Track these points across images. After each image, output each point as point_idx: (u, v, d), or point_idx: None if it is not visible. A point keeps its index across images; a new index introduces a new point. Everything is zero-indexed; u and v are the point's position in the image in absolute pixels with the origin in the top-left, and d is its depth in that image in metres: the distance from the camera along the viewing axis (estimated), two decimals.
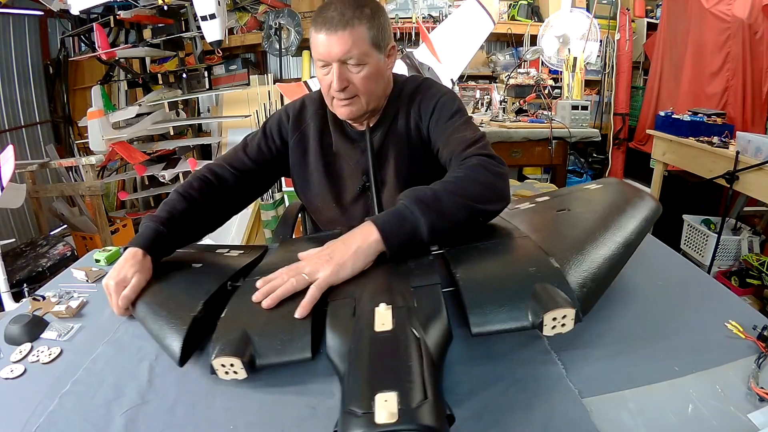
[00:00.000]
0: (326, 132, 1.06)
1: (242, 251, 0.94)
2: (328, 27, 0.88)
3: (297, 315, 0.63)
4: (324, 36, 0.89)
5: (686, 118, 2.29)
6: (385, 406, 0.41)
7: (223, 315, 0.65)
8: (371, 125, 1.03)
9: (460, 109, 1.01)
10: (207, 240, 1.13)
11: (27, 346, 0.70)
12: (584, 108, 2.64)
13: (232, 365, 0.57)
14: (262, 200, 2.66)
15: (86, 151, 2.94)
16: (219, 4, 2.37)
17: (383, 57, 0.96)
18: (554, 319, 0.54)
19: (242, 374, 0.57)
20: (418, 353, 0.49)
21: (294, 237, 1.31)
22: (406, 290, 0.63)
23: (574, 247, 0.68)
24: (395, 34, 3.09)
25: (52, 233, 2.74)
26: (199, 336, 0.68)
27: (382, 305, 0.56)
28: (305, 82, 2.58)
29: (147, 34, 2.77)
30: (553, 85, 3.04)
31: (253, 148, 1.06)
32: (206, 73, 3.32)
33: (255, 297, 0.68)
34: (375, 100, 0.98)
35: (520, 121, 2.71)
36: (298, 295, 0.67)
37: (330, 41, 0.89)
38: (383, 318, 0.55)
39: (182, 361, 0.62)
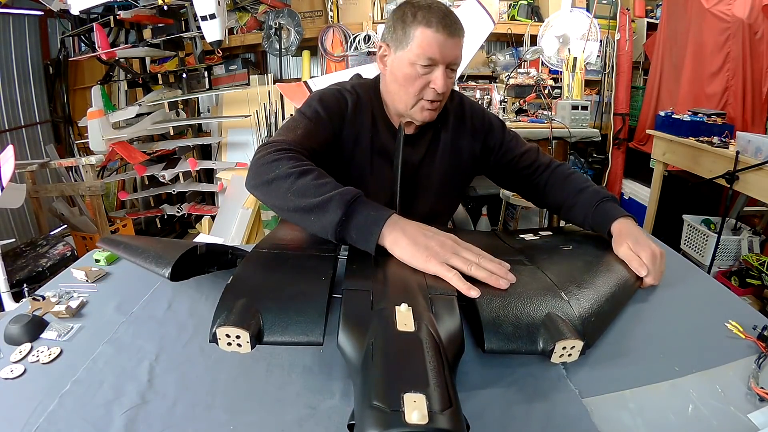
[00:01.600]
0: (376, 129, 1.03)
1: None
2: (450, 30, 0.89)
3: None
4: (444, 37, 0.89)
5: (686, 118, 2.29)
6: (416, 406, 0.41)
7: (229, 283, 0.63)
8: (415, 131, 1.05)
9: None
10: (206, 240, 1.13)
11: (27, 346, 0.70)
12: (584, 108, 2.64)
13: (237, 337, 0.55)
14: None
15: (86, 151, 2.94)
16: (219, 4, 2.37)
17: None
18: (564, 348, 0.56)
19: (246, 348, 0.55)
20: (439, 359, 0.49)
21: None
22: (424, 295, 0.63)
23: (580, 284, 0.71)
24: None
25: (52, 233, 2.73)
26: (192, 270, 0.69)
27: (404, 305, 0.56)
28: (305, 82, 2.57)
29: (147, 34, 2.78)
30: (553, 85, 3.04)
31: (316, 128, 0.95)
32: (206, 73, 3.31)
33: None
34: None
35: (520, 121, 2.71)
36: (312, 276, 0.66)
37: (448, 44, 0.90)
38: (404, 318, 0.54)
39: (173, 276, 0.63)
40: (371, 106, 1.03)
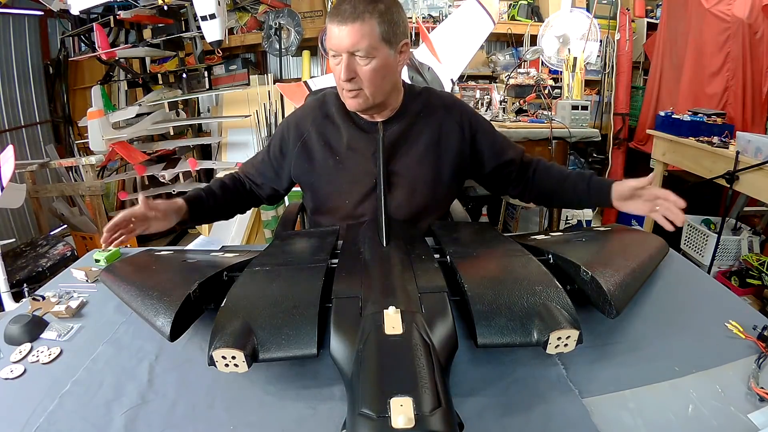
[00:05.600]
0: (331, 133, 1.09)
1: (236, 254, 0.94)
2: (340, 19, 0.93)
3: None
4: (336, 27, 0.93)
5: (686, 118, 2.29)
6: (401, 410, 0.41)
7: (222, 305, 0.63)
8: (385, 119, 1.08)
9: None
10: (207, 243, 1.14)
11: (27, 346, 0.70)
12: (584, 108, 2.63)
13: (233, 358, 0.55)
14: None
15: (86, 151, 2.94)
16: (219, 4, 2.36)
17: (393, 53, 0.98)
18: (559, 338, 0.56)
19: (243, 368, 0.56)
20: (429, 359, 0.49)
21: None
22: (413, 294, 0.62)
23: (602, 259, 0.74)
24: None
25: (52, 233, 2.73)
26: (192, 316, 0.68)
27: (391, 308, 0.56)
28: (305, 82, 2.57)
29: (147, 34, 2.77)
30: (553, 85, 3.03)
31: (258, 160, 1.18)
32: (206, 73, 3.31)
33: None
34: (381, 95, 1.01)
35: (520, 121, 2.70)
36: (302, 288, 0.67)
37: (341, 33, 0.93)
38: (393, 321, 0.54)
39: (173, 336, 0.62)
40: (321, 117, 1.10)
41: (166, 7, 2.58)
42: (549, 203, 1.18)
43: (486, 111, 2.92)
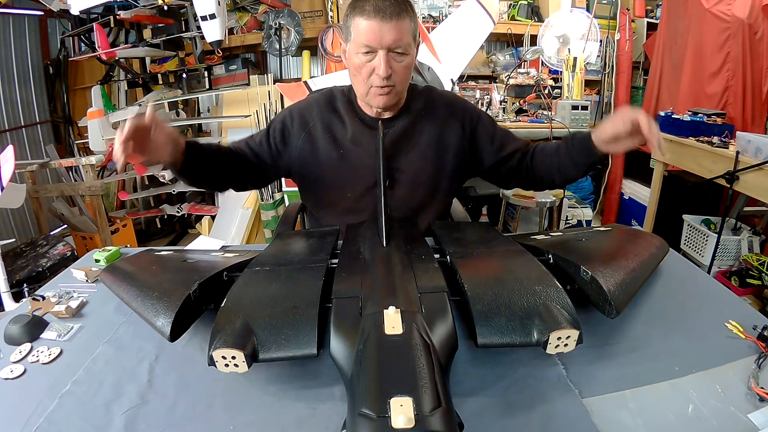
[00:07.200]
0: (336, 126, 1.09)
1: (236, 254, 0.94)
2: (382, 15, 0.91)
3: None
4: (376, 23, 0.91)
5: (686, 118, 2.29)
6: (402, 410, 0.41)
7: (222, 305, 0.63)
8: (390, 116, 1.09)
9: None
10: (207, 243, 1.14)
11: (27, 346, 0.70)
12: (584, 108, 2.64)
13: (233, 358, 0.55)
14: (262, 200, 2.66)
15: (86, 151, 2.94)
16: (219, 4, 2.36)
17: (416, 50, 1.02)
18: (559, 338, 0.56)
19: (243, 368, 0.56)
20: (429, 359, 0.49)
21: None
22: (413, 294, 0.63)
23: (602, 259, 0.73)
24: None
25: (52, 233, 2.73)
26: (192, 316, 0.68)
27: (391, 308, 0.56)
28: (305, 82, 2.57)
29: (147, 34, 2.77)
30: (553, 85, 3.04)
31: (254, 141, 1.13)
32: (206, 73, 3.31)
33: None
34: (404, 90, 1.05)
35: (520, 121, 2.71)
36: (302, 288, 0.67)
37: (382, 28, 0.92)
38: (393, 321, 0.54)
39: (173, 336, 0.62)
40: (327, 110, 1.10)
41: (166, 7, 2.58)
42: (552, 182, 1.14)
43: (486, 111, 2.92)
